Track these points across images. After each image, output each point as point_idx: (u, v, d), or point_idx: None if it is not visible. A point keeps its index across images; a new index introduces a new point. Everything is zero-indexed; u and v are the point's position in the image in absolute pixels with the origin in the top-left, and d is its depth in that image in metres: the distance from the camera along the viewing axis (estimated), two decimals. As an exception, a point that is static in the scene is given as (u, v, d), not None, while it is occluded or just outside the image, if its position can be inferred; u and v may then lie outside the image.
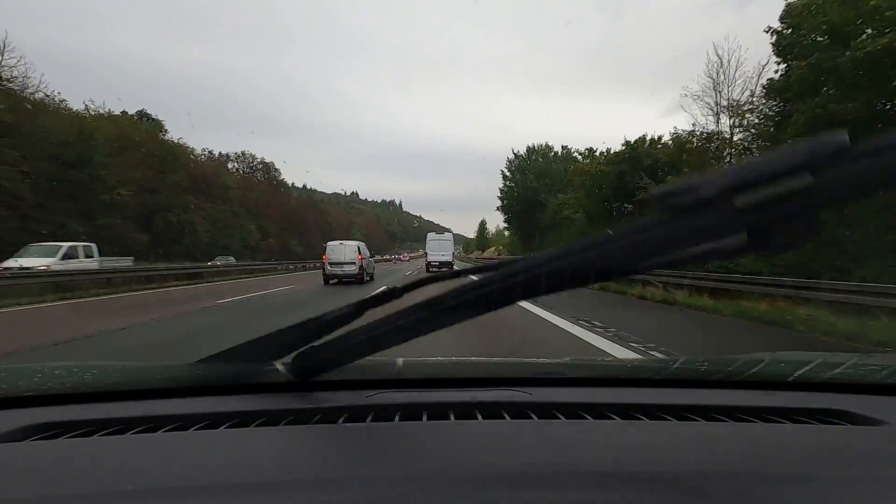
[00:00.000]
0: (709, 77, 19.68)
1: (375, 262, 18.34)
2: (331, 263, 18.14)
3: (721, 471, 0.62)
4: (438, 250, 28.89)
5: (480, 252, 77.29)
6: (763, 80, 16.17)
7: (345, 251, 18.49)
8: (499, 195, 45.59)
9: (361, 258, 18.39)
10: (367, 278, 18.94)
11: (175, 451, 0.70)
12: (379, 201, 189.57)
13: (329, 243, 19.30)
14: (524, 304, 8.70)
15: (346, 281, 17.97)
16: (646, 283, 12.26)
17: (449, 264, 27.90)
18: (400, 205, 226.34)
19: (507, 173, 44.87)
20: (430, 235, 31.05)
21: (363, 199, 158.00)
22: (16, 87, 27.46)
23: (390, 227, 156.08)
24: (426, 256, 30.61)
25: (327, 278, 18.11)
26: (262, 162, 75.18)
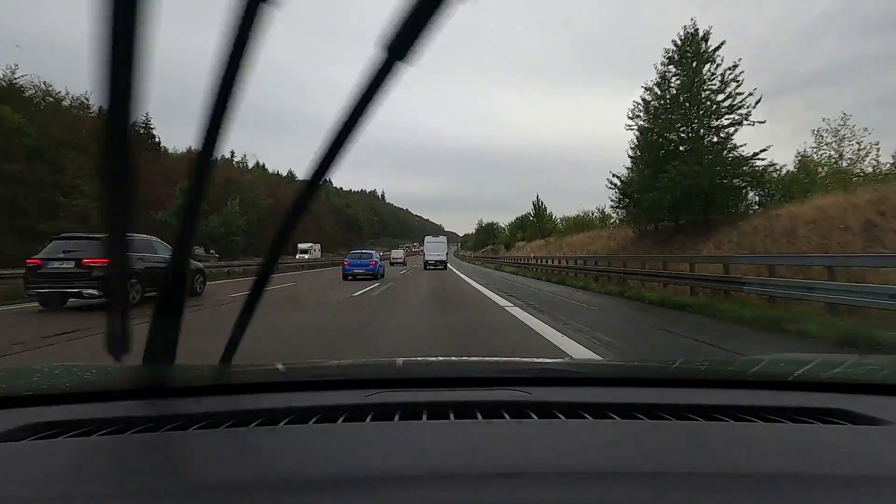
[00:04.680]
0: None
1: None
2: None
3: (721, 470, 0.62)
4: (435, 251, 33.90)
5: (505, 250, 53.20)
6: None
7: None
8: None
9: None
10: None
11: (175, 450, 0.70)
12: (357, 190, 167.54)
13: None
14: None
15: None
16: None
17: (443, 262, 33.36)
18: (382, 196, 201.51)
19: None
20: (428, 238, 36.17)
21: (337, 187, 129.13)
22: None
23: (351, 211, 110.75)
24: (424, 255, 35.68)
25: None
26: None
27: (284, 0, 0.53)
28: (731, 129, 18.40)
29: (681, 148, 19.27)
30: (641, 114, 21.10)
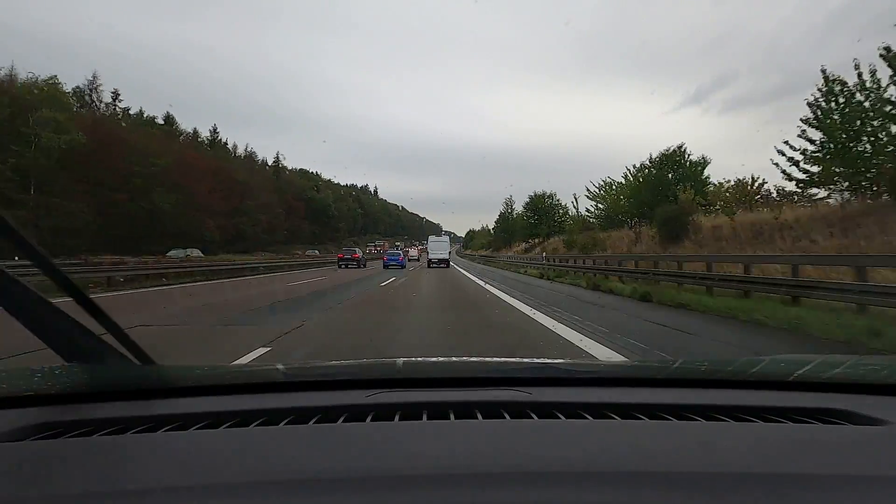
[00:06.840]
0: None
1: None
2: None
3: (721, 470, 0.62)
4: (438, 250, 36.07)
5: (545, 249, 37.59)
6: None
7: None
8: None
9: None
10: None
11: (175, 450, 0.70)
12: (347, 184, 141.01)
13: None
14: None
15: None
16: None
17: (446, 261, 35.42)
18: (375, 191, 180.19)
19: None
20: (431, 238, 38.82)
21: (326, 178, 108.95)
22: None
23: (320, 196, 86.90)
24: (427, 254, 37.89)
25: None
26: None
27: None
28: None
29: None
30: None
